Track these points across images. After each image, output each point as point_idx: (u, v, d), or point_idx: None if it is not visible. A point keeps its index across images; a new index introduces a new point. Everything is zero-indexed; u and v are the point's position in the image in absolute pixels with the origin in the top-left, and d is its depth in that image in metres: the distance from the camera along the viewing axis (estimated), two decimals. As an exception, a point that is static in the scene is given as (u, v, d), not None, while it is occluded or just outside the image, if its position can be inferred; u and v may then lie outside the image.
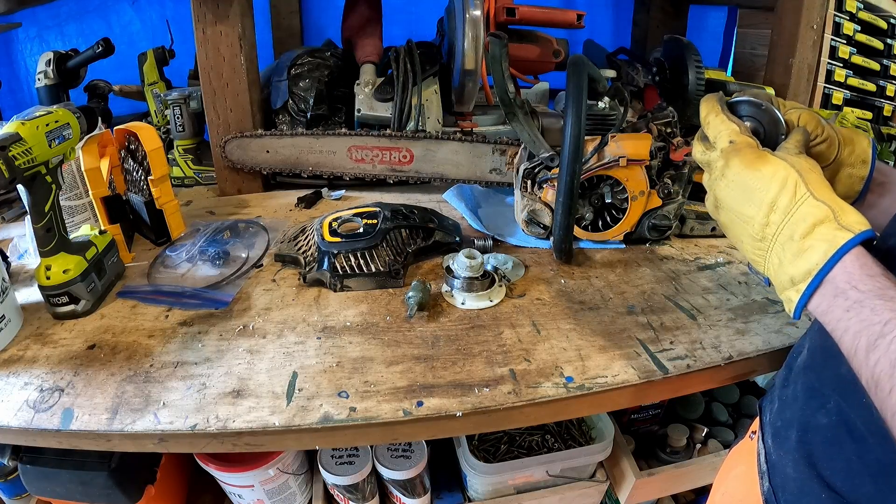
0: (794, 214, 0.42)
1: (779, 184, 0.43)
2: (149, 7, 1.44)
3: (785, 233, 0.42)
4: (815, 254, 0.40)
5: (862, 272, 0.37)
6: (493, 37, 0.81)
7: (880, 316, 0.34)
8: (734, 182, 0.47)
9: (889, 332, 0.33)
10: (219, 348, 0.65)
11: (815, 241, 0.40)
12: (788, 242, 0.42)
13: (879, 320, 0.34)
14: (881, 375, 0.33)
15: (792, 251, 0.42)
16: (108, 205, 0.81)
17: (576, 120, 0.72)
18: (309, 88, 1.09)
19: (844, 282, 0.38)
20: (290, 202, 1.05)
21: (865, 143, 0.54)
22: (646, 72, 1.27)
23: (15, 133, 0.61)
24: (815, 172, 0.44)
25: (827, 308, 0.39)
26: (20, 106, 1.35)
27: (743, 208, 0.46)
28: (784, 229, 0.43)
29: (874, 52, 1.29)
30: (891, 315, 0.34)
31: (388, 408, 0.56)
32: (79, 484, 0.68)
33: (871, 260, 0.38)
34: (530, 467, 0.81)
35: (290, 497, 0.82)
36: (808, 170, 0.44)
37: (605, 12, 1.73)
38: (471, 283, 0.73)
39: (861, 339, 0.35)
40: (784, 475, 0.49)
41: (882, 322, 0.34)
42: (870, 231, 0.39)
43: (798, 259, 0.41)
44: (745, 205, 0.45)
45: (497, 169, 1.00)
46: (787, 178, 0.43)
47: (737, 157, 0.47)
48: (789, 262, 0.42)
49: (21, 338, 0.67)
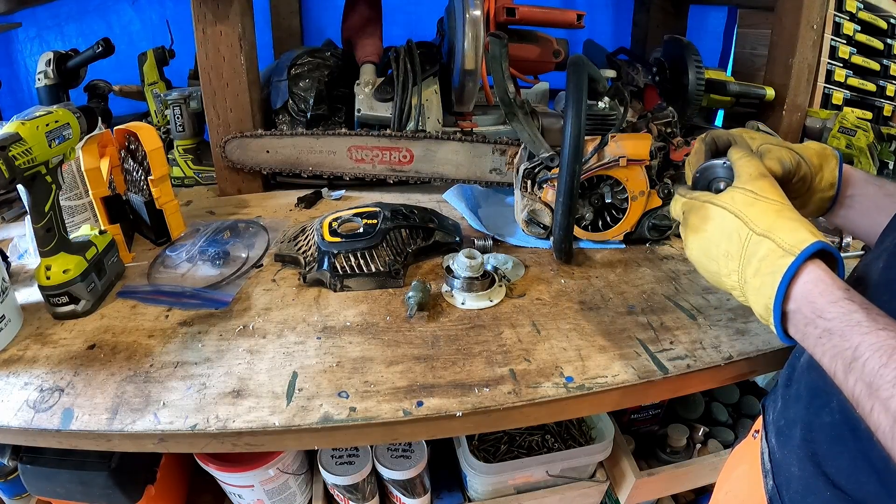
0: (744, 257, 0.45)
1: (724, 236, 0.47)
2: (149, 7, 1.44)
3: (745, 276, 0.45)
4: (767, 288, 0.43)
5: (824, 300, 0.39)
6: (493, 37, 0.81)
7: (849, 342, 0.36)
8: (693, 250, 0.51)
9: (860, 355, 0.35)
10: (219, 348, 0.65)
11: (765, 276, 0.43)
12: (748, 284, 0.45)
13: (849, 346, 0.36)
14: (860, 396, 0.35)
15: (753, 291, 0.45)
16: (108, 205, 0.81)
17: (576, 120, 0.72)
18: (309, 88, 1.09)
19: (810, 312, 0.40)
20: (290, 202, 1.05)
21: (833, 166, 0.58)
22: (646, 72, 1.27)
23: (15, 133, 0.61)
24: (759, 201, 0.46)
25: (802, 336, 0.41)
26: (20, 106, 1.35)
27: (710, 267, 0.50)
28: (744, 274, 0.46)
29: (874, 52, 1.29)
30: (859, 339, 0.36)
31: (388, 408, 0.56)
32: (79, 484, 0.68)
33: (830, 280, 0.40)
34: (530, 467, 0.81)
35: (290, 497, 0.82)
36: (749, 203, 0.46)
37: (605, 12, 1.73)
38: (471, 283, 0.73)
39: (837, 363, 0.37)
40: (788, 474, 0.49)
41: (852, 348, 0.36)
42: (816, 244, 0.41)
43: (758, 297, 0.44)
44: (709, 264, 0.50)
45: (497, 169, 1.00)
46: (729, 227, 0.47)
47: (686, 228, 0.52)
48: (754, 301, 0.45)
49: (21, 338, 0.67)
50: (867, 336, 0.36)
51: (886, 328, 0.35)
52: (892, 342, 0.34)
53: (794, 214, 0.45)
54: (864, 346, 0.35)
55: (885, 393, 0.33)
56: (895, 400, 0.32)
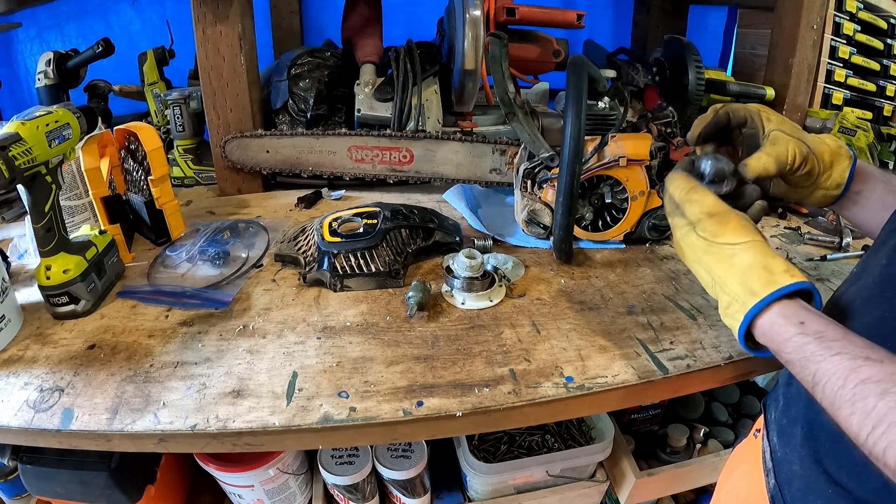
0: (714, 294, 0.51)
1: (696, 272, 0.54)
2: (149, 7, 1.44)
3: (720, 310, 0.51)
4: (733, 330, 0.49)
5: (780, 338, 0.44)
6: (493, 37, 0.81)
7: (808, 370, 0.41)
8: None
9: (819, 381, 0.40)
10: (219, 348, 0.65)
11: (728, 319, 0.49)
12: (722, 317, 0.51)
13: (809, 373, 0.41)
14: (828, 411, 0.39)
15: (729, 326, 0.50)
16: (108, 205, 0.81)
17: (576, 120, 0.72)
18: (309, 88, 1.09)
19: (772, 347, 0.46)
20: (290, 202, 1.05)
21: (844, 167, 0.59)
22: (646, 72, 1.27)
23: (15, 133, 0.61)
24: (713, 248, 0.51)
25: (776, 356, 0.46)
26: (20, 106, 1.35)
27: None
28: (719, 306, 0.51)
29: (874, 52, 1.29)
30: (815, 368, 0.40)
31: (388, 408, 0.56)
32: (79, 484, 0.68)
33: (783, 321, 0.44)
34: (530, 467, 0.81)
35: (290, 497, 0.82)
36: (704, 250, 0.51)
37: (605, 12, 1.73)
38: (471, 283, 0.73)
39: (805, 383, 0.42)
40: (790, 472, 0.49)
41: (811, 374, 0.41)
42: (765, 300, 0.45)
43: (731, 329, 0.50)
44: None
45: (497, 169, 1.00)
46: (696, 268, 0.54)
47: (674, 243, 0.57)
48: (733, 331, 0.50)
49: (21, 338, 0.67)
50: (821, 364, 0.40)
51: (840, 353, 0.39)
52: (845, 365, 0.39)
53: (749, 256, 0.48)
54: (820, 373, 0.40)
55: (846, 411, 0.37)
56: (855, 417, 0.36)
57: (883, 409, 0.35)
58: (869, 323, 0.43)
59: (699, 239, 0.52)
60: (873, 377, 0.37)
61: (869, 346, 0.40)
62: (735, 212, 0.52)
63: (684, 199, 0.54)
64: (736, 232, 0.50)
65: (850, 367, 0.38)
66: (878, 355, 0.39)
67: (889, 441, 0.34)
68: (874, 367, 0.37)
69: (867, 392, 0.36)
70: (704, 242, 0.51)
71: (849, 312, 0.47)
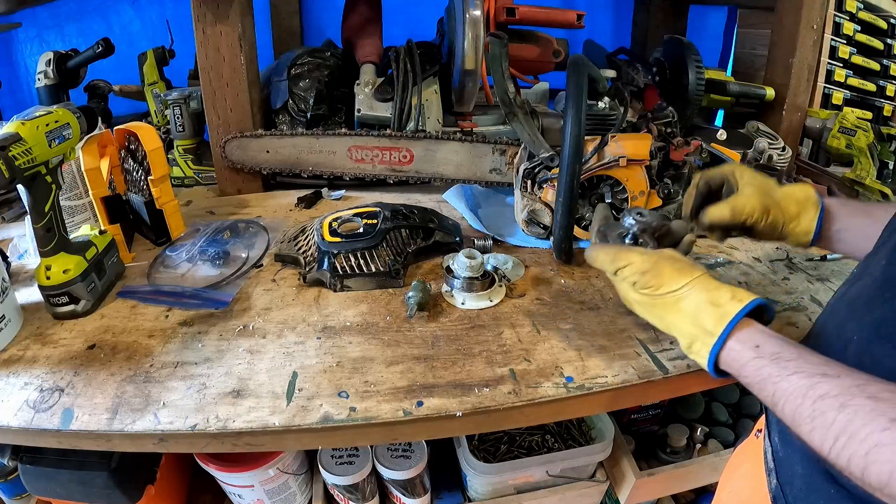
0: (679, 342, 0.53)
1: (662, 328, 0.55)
2: (149, 7, 1.44)
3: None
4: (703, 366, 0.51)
5: (737, 364, 0.47)
6: (493, 37, 0.81)
7: (767, 390, 0.43)
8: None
9: (778, 401, 0.42)
10: (219, 348, 0.65)
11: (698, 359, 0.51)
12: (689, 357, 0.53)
13: (768, 394, 0.43)
14: (791, 428, 0.42)
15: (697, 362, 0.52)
16: (108, 205, 0.81)
17: (576, 120, 0.72)
18: (309, 88, 1.09)
19: (734, 373, 0.48)
20: (290, 202, 1.05)
21: (812, 216, 0.62)
22: (646, 72, 1.27)
23: (15, 133, 0.61)
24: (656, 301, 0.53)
25: (738, 380, 0.48)
26: (20, 106, 1.35)
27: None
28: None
29: (874, 52, 1.29)
30: (773, 389, 0.43)
31: (388, 408, 0.56)
32: (79, 484, 0.68)
33: (740, 348, 0.47)
34: (530, 467, 0.81)
35: (290, 497, 0.82)
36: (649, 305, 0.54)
37: (605, 12, 1.73)
38: (471, 283, 0.73)
39: (766, 403, 0.44)
40: (792, 472, 0.49)
41: (770, 395, 0.43)
42: (714, 347, 0.48)
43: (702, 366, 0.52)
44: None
45: (497, 169, 1.00)
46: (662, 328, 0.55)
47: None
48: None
49: (21, 338, 0.67)
50: (779, 384, 0.42)
51: (796, 371, 0.41)
52: (802, 383, 0.41)
53: (694, 297, 0.51)
54: (779, 393, 0.42)
55: (807, 428, 0.39)
56: (816, 432, 0.38)
57: (843, 421, 0.36)
58: (870, 323, 0.43)
59: (642, 296, 0.54)
60: (831, 392, 0.38)
61: (825, 363, 0.42)
62: (665, 257, 0.54)
63: (614, 268, 0.57)
64: (672, 279, 0.52)
65: (808, 385, 0.40)
66: (834, 371, 0.40)
67: (852, 452, 0.35)
68: (831, 383, 0.39)
69: (826, 407, 0.38)
70: (647, 298, 0.54)
71: (850, 313, 0.47)
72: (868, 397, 0.37)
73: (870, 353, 0.42)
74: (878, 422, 0.35)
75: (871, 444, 0.34)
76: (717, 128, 1.19)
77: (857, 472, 0.35)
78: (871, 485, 0.35)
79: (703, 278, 0.52)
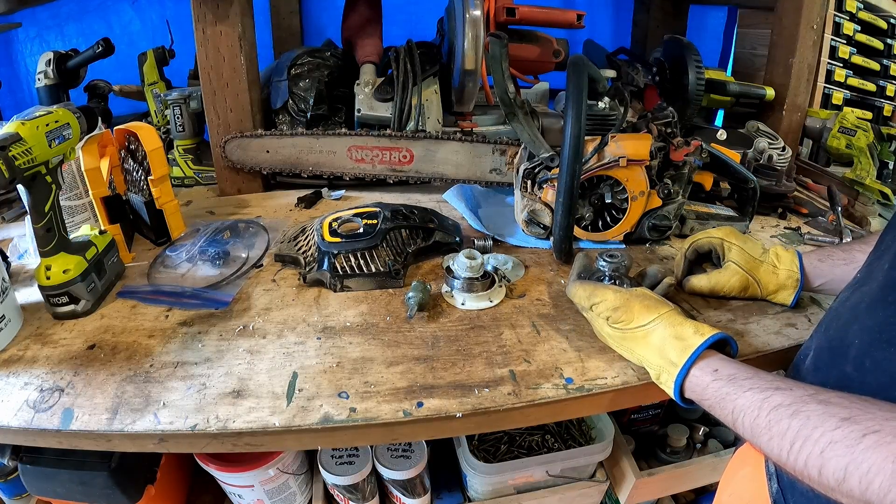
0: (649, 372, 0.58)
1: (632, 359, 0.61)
2: (149, 7, 1.44)
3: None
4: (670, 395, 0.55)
5: (699, 389, 0.51)
6: (493, 37, 0.81)
7: (726, 409, 0.47)
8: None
9: (737, 416, 0.45)
10: (219, 348, 0.65)
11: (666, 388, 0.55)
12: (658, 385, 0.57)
13: (727, 411, 0.47)
14: (751, 442, 0.44)
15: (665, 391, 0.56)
16: (108, 205, 0.81)
17: (576, 120, 0.72)
18: (309, 88, 1.09)
19: (696, 399, 0.52)
20: (290, 202, 1.05)
21: (789, 293, 0.69)
22: (646, 72, 1.27)
23: (15, 133, 0.61)
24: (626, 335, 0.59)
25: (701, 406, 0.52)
26: (20, 106, 1.35)
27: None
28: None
29: (874, 52, 1.29)
30: (731, 405, 0.46)
31: (388, 408, 0.56)
32: (79, 484, 0.68)
33: (700, 373, 0.51)
34: (530, 467, 0.81)
35: (290, 497, 0.82)
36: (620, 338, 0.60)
37: (605, 12, 1.73)
38: (471, 284, 0.73)
39: (727, 423, 0.47)
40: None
41: (729, 412, 0.46)
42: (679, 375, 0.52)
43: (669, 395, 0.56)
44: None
45: (497, 169, 1.00)
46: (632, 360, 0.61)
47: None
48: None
49: (21, 338, 0.67)
50: (737, 401, 0.45)
51: (751, 388, 0.45)
52: (757, 397, 0.43)
53: (660, 331, 0.55)
54: (737, 409, 0.45)
55: (764, 438, 0.41)
56: (773, 441, 0.40)
57: (796, 426, 0.38)
58: (872, 327, 0.43)
59: (614, 330, 0.60)
60: (784, 402, 0.41)
61: (779, 379, 0.44)
62: (636, 295, 0.60)
63: (590, 304, 0.63)
64: (641, 315, 0.58)
65: (762, 398, 0.43)
66: (787, 385, 0.43)
67: (808, 453, 0.37)
68: (783, 394, 0.42)
69: (780, 416, 0.40)
70: (619, 332, 0.60)
71: (852, 317, 0.47)
72: (819, 402, 0.39)
73: (871, 357, 0.42)
74: (829, 422, 0.36)
75: (826, 443, 0.36)
76: (717, 128, 1.19)
77: (815, 473, 0.36)
78: (828, 484, 0.36)
79: (669, 314, 0.56)
